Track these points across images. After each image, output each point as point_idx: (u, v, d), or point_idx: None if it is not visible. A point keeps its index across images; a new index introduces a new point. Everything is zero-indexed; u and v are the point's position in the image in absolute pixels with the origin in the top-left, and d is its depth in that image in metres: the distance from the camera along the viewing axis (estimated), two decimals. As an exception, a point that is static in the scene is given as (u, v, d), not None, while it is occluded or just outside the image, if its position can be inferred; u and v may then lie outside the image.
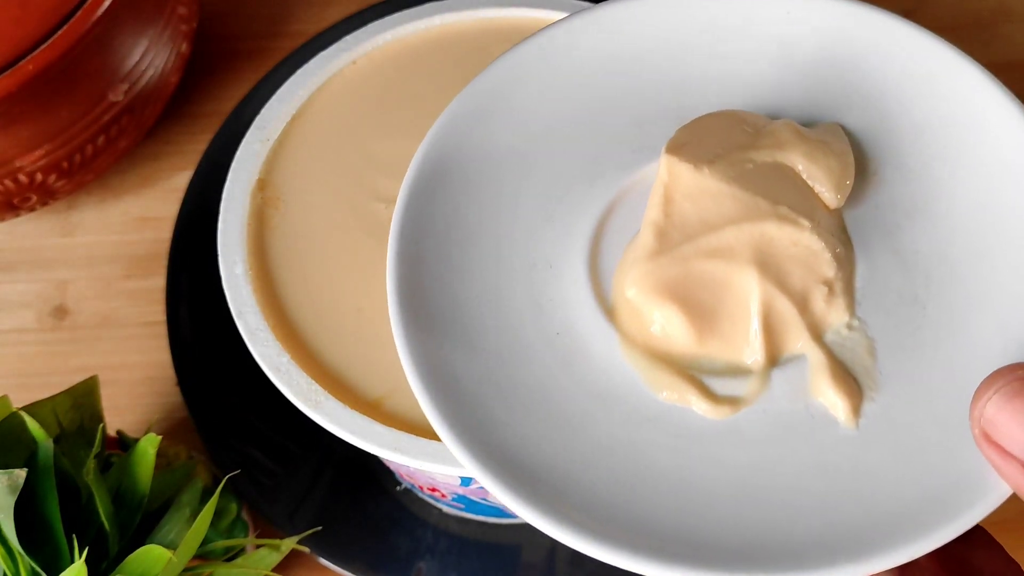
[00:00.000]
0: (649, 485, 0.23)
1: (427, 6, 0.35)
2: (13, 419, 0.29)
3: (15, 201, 0.39)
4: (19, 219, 0.43)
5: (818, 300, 0.25)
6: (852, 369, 0.25)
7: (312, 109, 0.33)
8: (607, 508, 0.23)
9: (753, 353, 0.25)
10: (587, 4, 0.35)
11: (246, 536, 0.35)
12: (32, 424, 0.28)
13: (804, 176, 0.26)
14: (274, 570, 0.31)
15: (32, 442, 0.28)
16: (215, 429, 0.38)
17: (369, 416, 0.28)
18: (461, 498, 0.34)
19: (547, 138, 0.28)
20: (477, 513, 0.37)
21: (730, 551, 0.22)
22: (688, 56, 0.29)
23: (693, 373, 0.25)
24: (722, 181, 0.25)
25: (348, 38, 0.34)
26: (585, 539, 0.22)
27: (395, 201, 0.32)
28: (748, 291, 0.25)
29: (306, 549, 0.36)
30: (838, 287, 0.25)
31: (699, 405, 0.24)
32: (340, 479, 0.38)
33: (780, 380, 0.25)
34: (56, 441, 0.29)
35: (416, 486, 0.36)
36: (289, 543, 0.31)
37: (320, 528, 0.36)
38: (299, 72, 0.33)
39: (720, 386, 0.25)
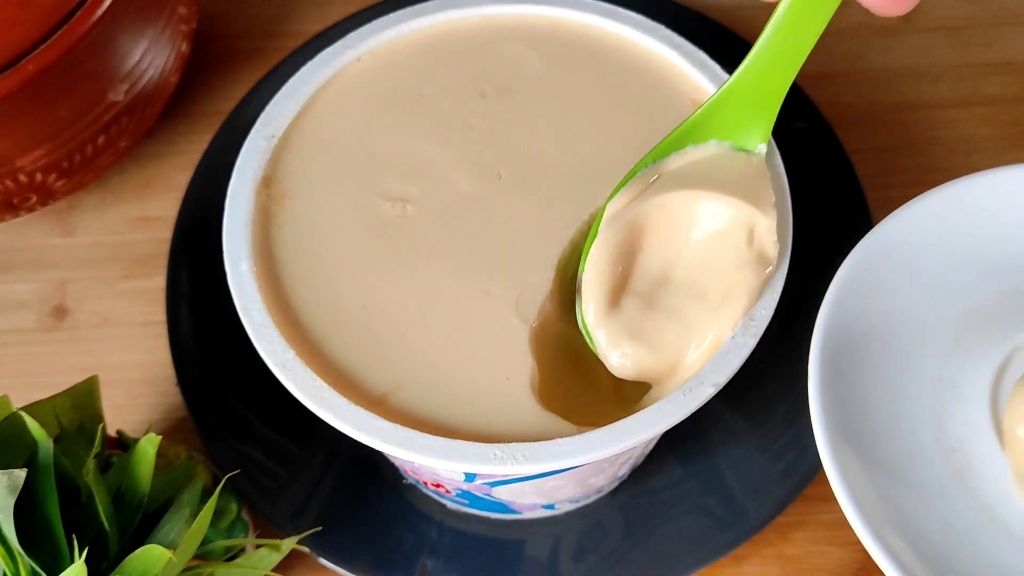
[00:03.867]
0: None
1: (431, 3, 0.35)
2: (13, 419, 0.28)
3: (15, 201, 0.39)
4: (19, 219, 0.43)
5: None
6: None
7: (317, 106, 0.33)
8: None
9: None
10: (609, 6, 0.34)
11: (246, 536, 0.35)
12: (32, 424, 0.28)
13: None
14: (274, 570, 0.31)
15: (32, 442, 0.28)
16: (215, 429, 0.38)
17: (374, 412, 0.27)
18: (465, 494, 0.34)
19: (965, 272, 0.31)
20: (481, 509, 0.37)
21: None
22: None
23: None
24: None
25: (352, 35, 0.34)
26: None
27: (400, 199, 0.33)
28: None
29: (306, 549, 0.36)
30: None
31: None
32: (343, 477, 0.38)
33: None
34: (56, 441, 0.29)
35: (420, 482, 0.36)
36: (289, 543, 0.31)
37: (320, 528, 0.36)
38: (304, 69, 0.33)
39: None
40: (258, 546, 0.32)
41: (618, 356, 0.28)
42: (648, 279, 0.29)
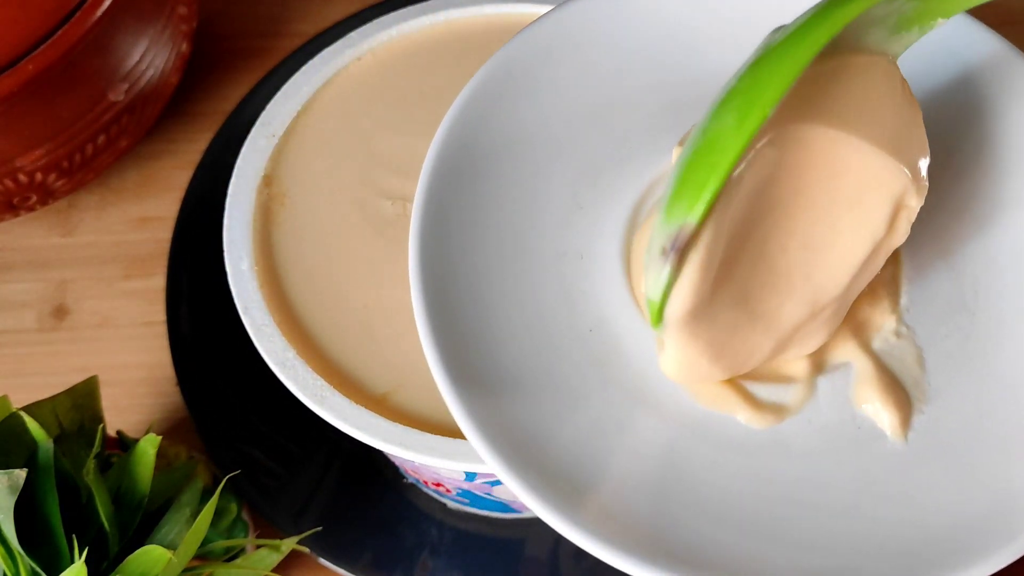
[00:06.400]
0: (687, 498, 0.22)
1: (431, 3, 0.35)
2: (13, 419, 0.28)
3: (15, 201, 0.39)
4: (19, 219, 0.43)
5: (861, 300, 0.24)
6: (901, 379, 0.24)
7: (318, 105, 0.33)
8: (642, 520, 0.21)
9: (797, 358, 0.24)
10: None
11: (246, 536, 0.35)
12: (32, 424, 0.28)
13: None
14: (274, 570, 0.31)
15: (32, 442, 0.28)
16: (215, 429, 0.38)
17: (375, 412, 0.28)
18: (466, 493, 0.34)
19: (574, 120, 0.26)
20: (481, 508, 0.37)
21: (774, 569, 0.21)
22: (727, 39, 0.26)
23: (735, 378, 0.24)
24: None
25: (353, 34, 0.34)
26: (616, 552, 0.21)
27: (401, 198, 0.33)
28: None
29: (306, 549, 0.36)
30: (881, 289, 0.24)
31: (742, 413, 0.23)
32: (343, 477, 0.38)
33: (826, 388, 0.24)
34: (56, 441, 0.29)
35: (421, 481, 0.36)
36: (289, 543, 0.31)
37: (320, 528, 0.36)
38: (304, 68, 0.34)
39: (763, 392, 0.23)
40: (258, 546, 0.32)
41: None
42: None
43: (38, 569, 0.27)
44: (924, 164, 0.21)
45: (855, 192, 0.21)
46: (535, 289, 0.24)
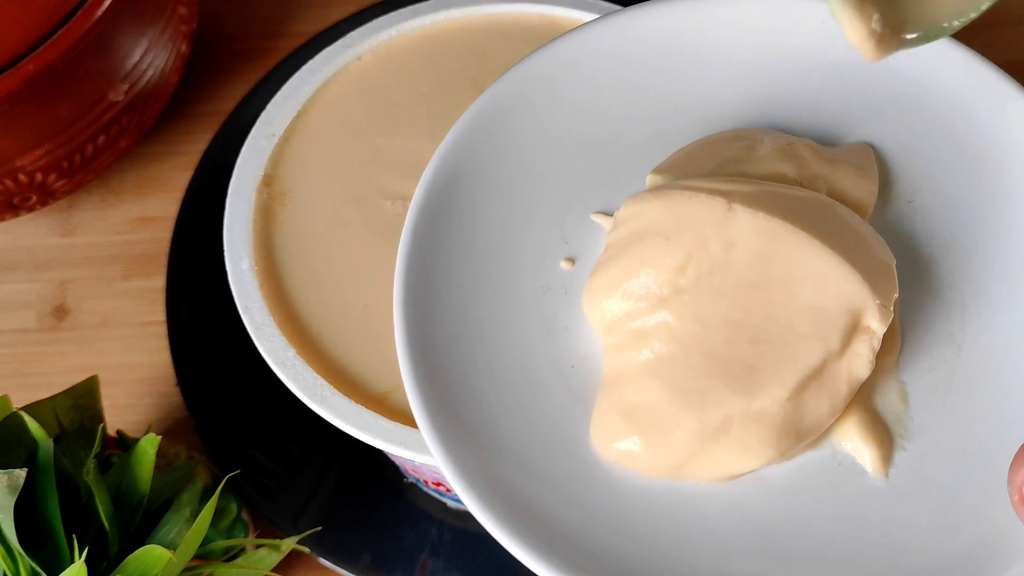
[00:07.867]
0: (662, 537, 0.22)
1: (431, 3, 0.35)
2: (13, 419, 0.28)
3: (15, 201, 0.39)
4: (19, 219, 0.43)
5: None
6: (883, 415, 0.23)
7: (318, 105, 0.33)
8: (619, 558, 0.22)
9: None
10: (609, 4, 0.34)
11: (246, 536, 0.35)
12: (32, 424, 0.28)
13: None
14: (274, 570, 0.31)
15: (32, 442, 0.28)
16: (215, 429, 0.38)
17: (375, 411, 0.28)
18: (466, 493, 0.34)
19: (564, 151, 0.26)
20: (482, 508, 0.37)
21: None
22: (716, 67, 0.27)
23: None
24: None
25: (353, 34, 0.34)
26: None
27: (400, 197, 0.33)
28: None
29: (306, 549, 0.36)
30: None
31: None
32: (343, 476, 0.38)
33: None
34: (56, 441, 0.29)
35: (421, 481, 0.36)
36: (289, 543, 0.31)
37: (320, 528, 0.36)
38: (304, 68, 0.34)
39: None
40: (258, 546, 0.32)
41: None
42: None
43: (38, 569, 0.27)
44: (890, 291, 0.22)
45: (815, 298, 0.22)
46: (519, 323, 0.25)
